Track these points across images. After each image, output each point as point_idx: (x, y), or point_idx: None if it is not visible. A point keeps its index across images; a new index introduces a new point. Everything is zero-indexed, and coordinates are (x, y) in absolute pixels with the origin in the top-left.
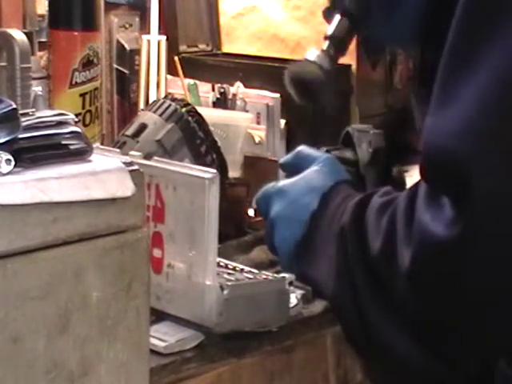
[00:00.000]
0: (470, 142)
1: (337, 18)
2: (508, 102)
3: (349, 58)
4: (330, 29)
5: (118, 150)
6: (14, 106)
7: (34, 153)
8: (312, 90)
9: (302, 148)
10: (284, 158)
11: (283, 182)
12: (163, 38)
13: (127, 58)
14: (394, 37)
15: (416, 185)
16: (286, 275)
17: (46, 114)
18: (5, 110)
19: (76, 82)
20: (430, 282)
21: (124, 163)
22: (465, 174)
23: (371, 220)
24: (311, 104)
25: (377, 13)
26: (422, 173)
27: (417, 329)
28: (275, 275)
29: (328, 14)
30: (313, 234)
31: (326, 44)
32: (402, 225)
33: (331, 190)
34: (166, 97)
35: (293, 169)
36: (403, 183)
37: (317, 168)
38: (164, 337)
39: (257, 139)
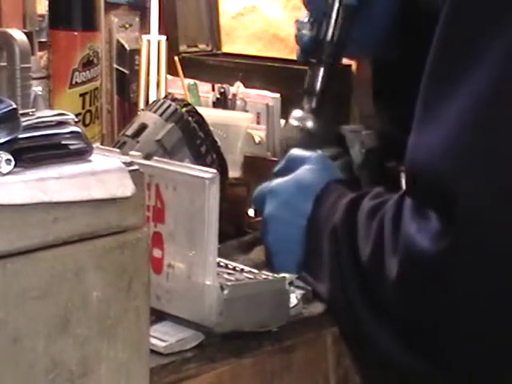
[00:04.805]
0: (452, 160)
1: (313, 69)
2: (489, 120)
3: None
4: (308, 82)
5: (117, 150)
6: (14, 106)
7: (34, 153)
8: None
9: (292, 151)
10: (277, 167)
11: (275, 182)
12: (163, 37)
13: (127, 57)
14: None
15: (405, 192)
16: (286, 275)
17: (45, 113)
18: (5, 110)
19: (76, 82)
20: (415, 292)
21: (124, 163)
22: (449, 191)
23: (361, 224)
24: None
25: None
26: (407, 187)
27: (406, 335)
28: (275, 275)
29: (301, 58)
30: (307, 237)
31: (305, 100)
32: (389, 233)
33: (323, 191)
34: (166, 97)
35: (286, 173)
36: (398, 181)
37: (308, 167)
38: (164, 337)
39: (257, 139)
